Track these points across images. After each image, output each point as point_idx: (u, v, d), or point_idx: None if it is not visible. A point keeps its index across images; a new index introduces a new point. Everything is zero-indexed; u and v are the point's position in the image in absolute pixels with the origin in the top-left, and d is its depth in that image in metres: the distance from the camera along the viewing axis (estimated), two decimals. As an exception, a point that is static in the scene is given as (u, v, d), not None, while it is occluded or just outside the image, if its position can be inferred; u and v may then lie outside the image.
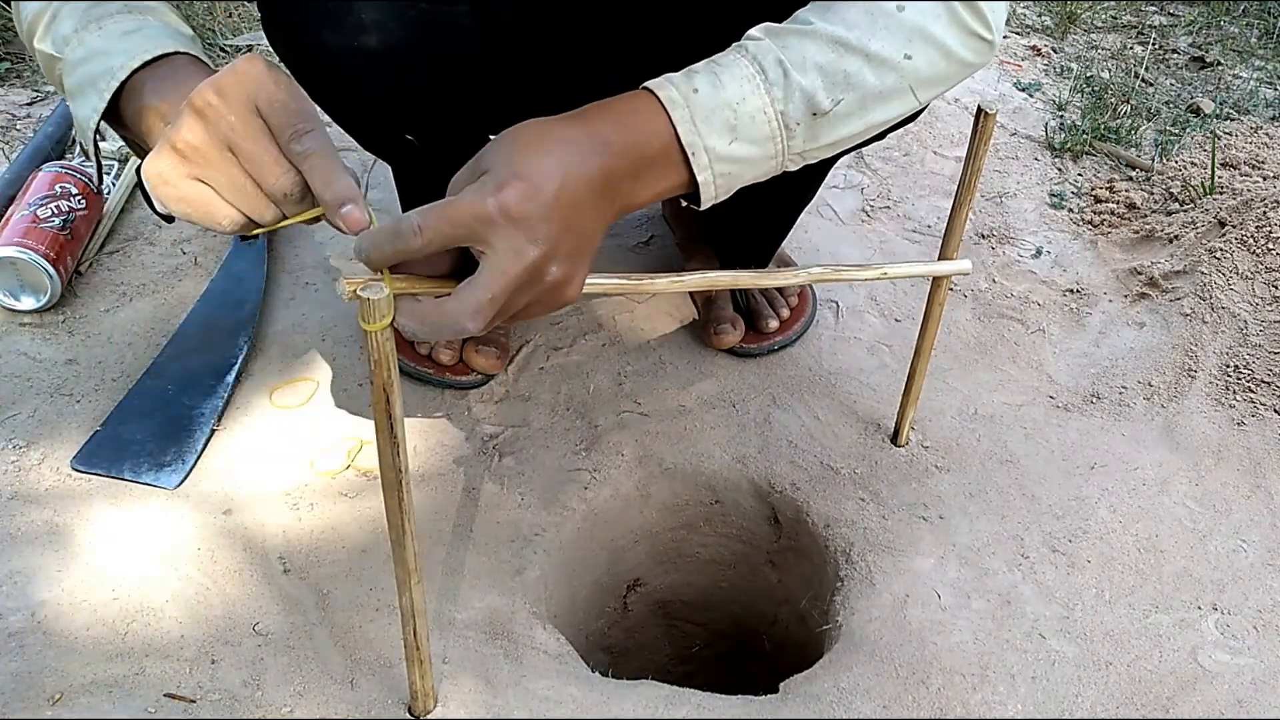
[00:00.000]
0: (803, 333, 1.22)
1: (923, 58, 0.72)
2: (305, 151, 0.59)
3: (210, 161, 0.59)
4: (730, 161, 0.69)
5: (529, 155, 0.61)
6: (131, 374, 1.09)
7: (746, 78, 0.68)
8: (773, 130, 0.69)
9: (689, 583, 1.18)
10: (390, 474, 0.66)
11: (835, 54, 0.69)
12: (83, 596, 0.88)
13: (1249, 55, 1.98)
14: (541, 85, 0.98)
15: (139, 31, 0.68)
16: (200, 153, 0.59)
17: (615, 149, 0.65)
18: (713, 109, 0.67)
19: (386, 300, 0.58)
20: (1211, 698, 0.89)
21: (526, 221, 0.60)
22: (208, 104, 0.58)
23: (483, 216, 0.59)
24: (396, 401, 0.63)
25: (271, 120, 0.59)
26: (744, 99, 0.67)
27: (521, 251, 0.60)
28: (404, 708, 0.83)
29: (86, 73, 0.67)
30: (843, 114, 0.71)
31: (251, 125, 0.59)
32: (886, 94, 0.72)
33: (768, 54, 0.69)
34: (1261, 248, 1.28)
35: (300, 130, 0.59)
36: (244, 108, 0.58)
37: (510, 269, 0.60)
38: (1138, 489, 1.07)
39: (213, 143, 0.59)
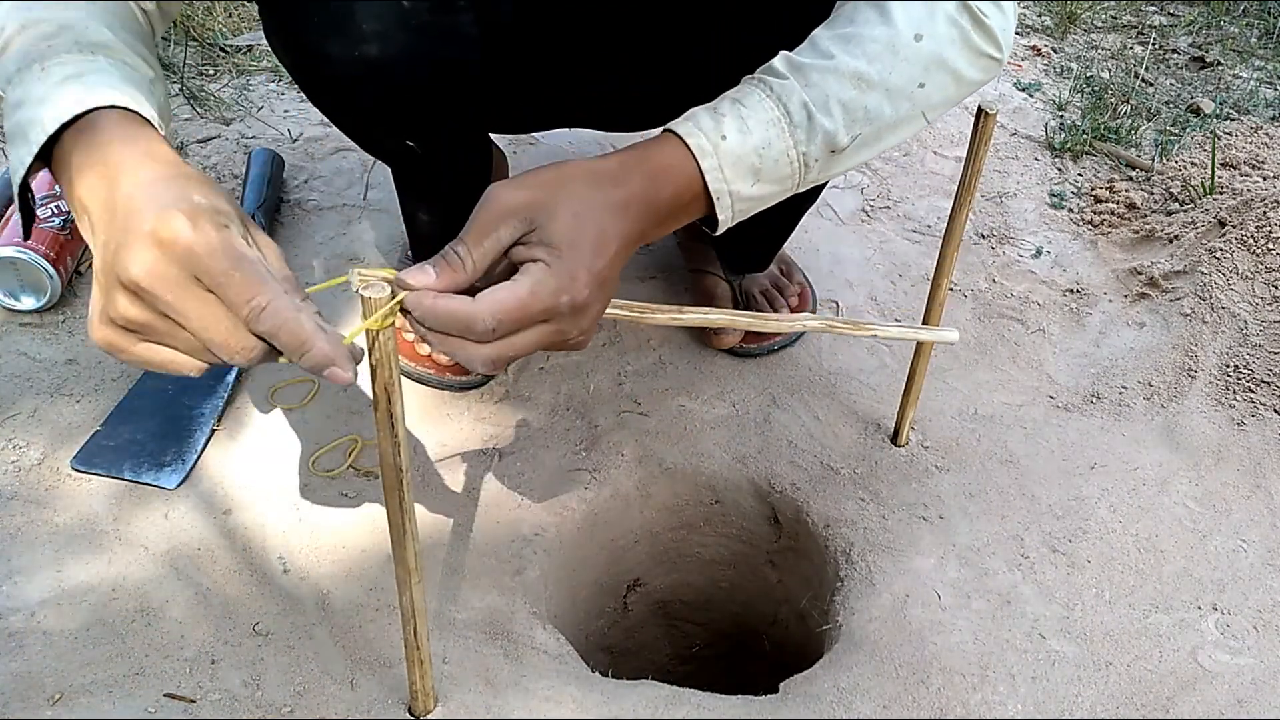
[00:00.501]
0: (803, 332, 1.22)
1: (935, 84, 0.73)
2: (268, 331, 0.54)
3: (161, 332, 0.55)
4: (750, 200, 0.71)
5: (587, 230, 0.62)
6: (131, 374, 1.09)
7: (772, 122, 0.69)
8: (793, 170, 0.71)
9: (689, 583, 1.18)
10: (391, 474, 0.66)
11: (857, 90, 0.70)
12: (83, 596, 0.88)
13: (1249, 55, 1.98)
14: (542, 88, 0.98)
15: (79, 78, 0.61)
16: (148, 327, 0.55)
17: (652, 209, 0.67)
18: (740, 155, 0.68)
19: (388, 299, 0.58)
20: (1211, 698, 0.89)
21: (583, 308, 0.63)
22: (139, 288, 0.53)
23: (557, 311, 0.62)
24: (398, 401, 0.63)
25: (222, 297, 0.53)
26: (769, 144, 0.69)
27: (565, 331, 0.63)
28: (404, 708, 0.83)
29: (19, 120, 0.61)
30: (859, 146, 0.73)
31: (196, 302, 0.53)
32: (900, 122, 0.73)
33: (792, 95, 0.69)
34: (1261, 248, 1.28)
35: (256, 308, 0.54)
36: (183, 287, 0.53)
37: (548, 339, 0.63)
38: (1138, 489, 1.07)
39: (158, 318, 0.54)
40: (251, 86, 1.59)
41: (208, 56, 1.64)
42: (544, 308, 0.61)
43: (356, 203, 1.37)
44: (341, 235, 1.31)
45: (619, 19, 0.90)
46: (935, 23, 0.71)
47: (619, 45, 0.92)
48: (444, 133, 0.93)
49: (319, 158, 1.45)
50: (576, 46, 0.92)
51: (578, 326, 0.64)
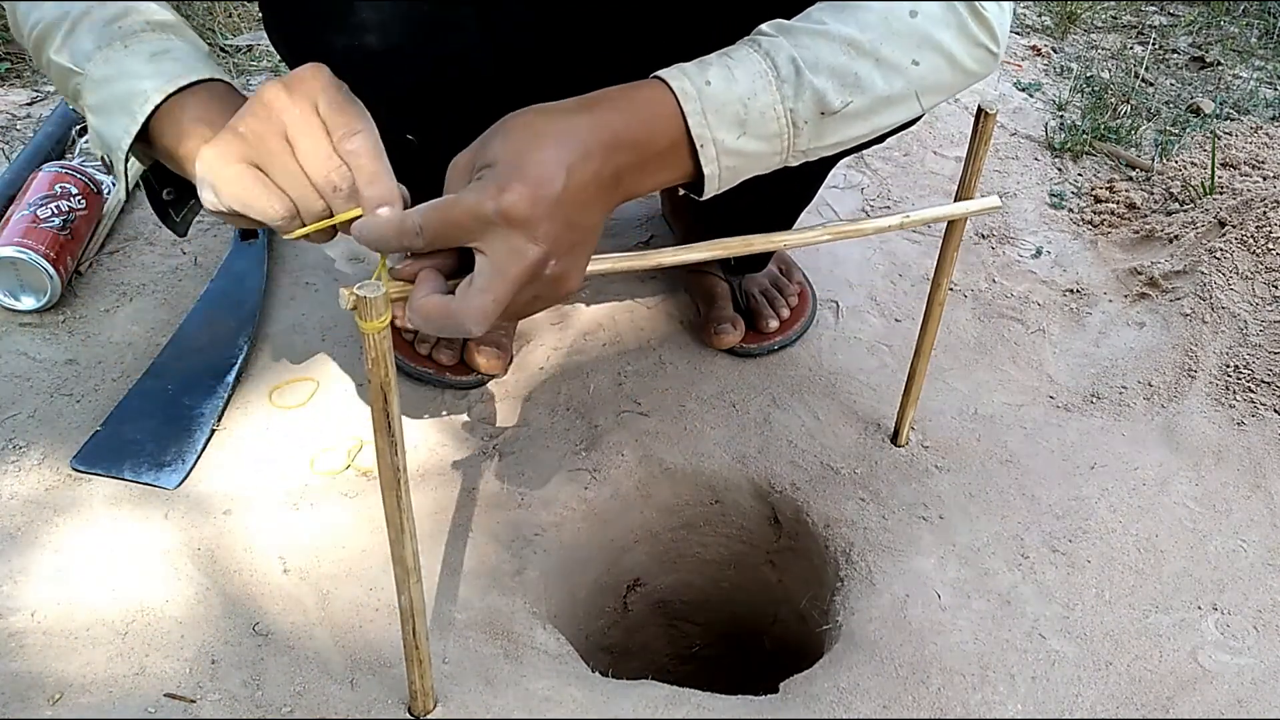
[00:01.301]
0: (803, 333, 1.22)
1: (929, 65, 0.72)
2: (353, 150, 0.62)
3: (269, 149, 0.61)
4: (736, 155, 0.69)
5: (532, 151, 0.61)
6: (131, 374, 1.09)
7: (759, 74, 0.68)
8: (781, 127, 0.69)
9: (689, 583, 1.18)
10: (389, 473, 0.66)
11: (847, 56, 0.69)
12: (83, 596, 0.88)
13: (1249, 55, 1.98)
14: (545, 85, 0.98)
15: (167, 54, 0.68)
16: (261, 139, 0.61)
17: (624, 141, 0.64)
18: (724, 102, 0.67)
19: (383, 299, 0.58)
20: (1211, 698, 0.89)
21: (527, 223, 0.60)
22: (275, 98, 0.61)
23: (483, 218, 0.59)
24: (394, 401, 0.63)
25: (329, 120, 0.61)
26: (755, 94, 0.67)
27: (521, 252, 0.60)
28: (404, 708, 0.83)
29: (114, 92, 0.68)
30: (850, 115, 0.71)
31: (311, 122, 0.61)
32: (893, 99, 0.72)
33: (781, 51, 0.68)
34: (1261, 248, 1.28)
35: (351, 130, 0.62)
36: (306, 105, 0.61)
37: (510, 270, 0.60)
38: (1138, 489, 1.07)
39: (273, 132, 0.61)
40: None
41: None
42: (469, 209, 0.59)
43: (356, 203, 1.37)
44: (341, 235, 1.31)
45: (623, 19, 0.90)
46: (930, 2, 0.71)
47: (622, 43, 0.92)
48: (444, 128, 0.92)
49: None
50: (579, 43, 0.92)
51: (534, 240, 0.60)
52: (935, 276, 0.97)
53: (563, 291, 0.65)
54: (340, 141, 0.62)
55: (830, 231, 0.77)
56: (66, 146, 1.39)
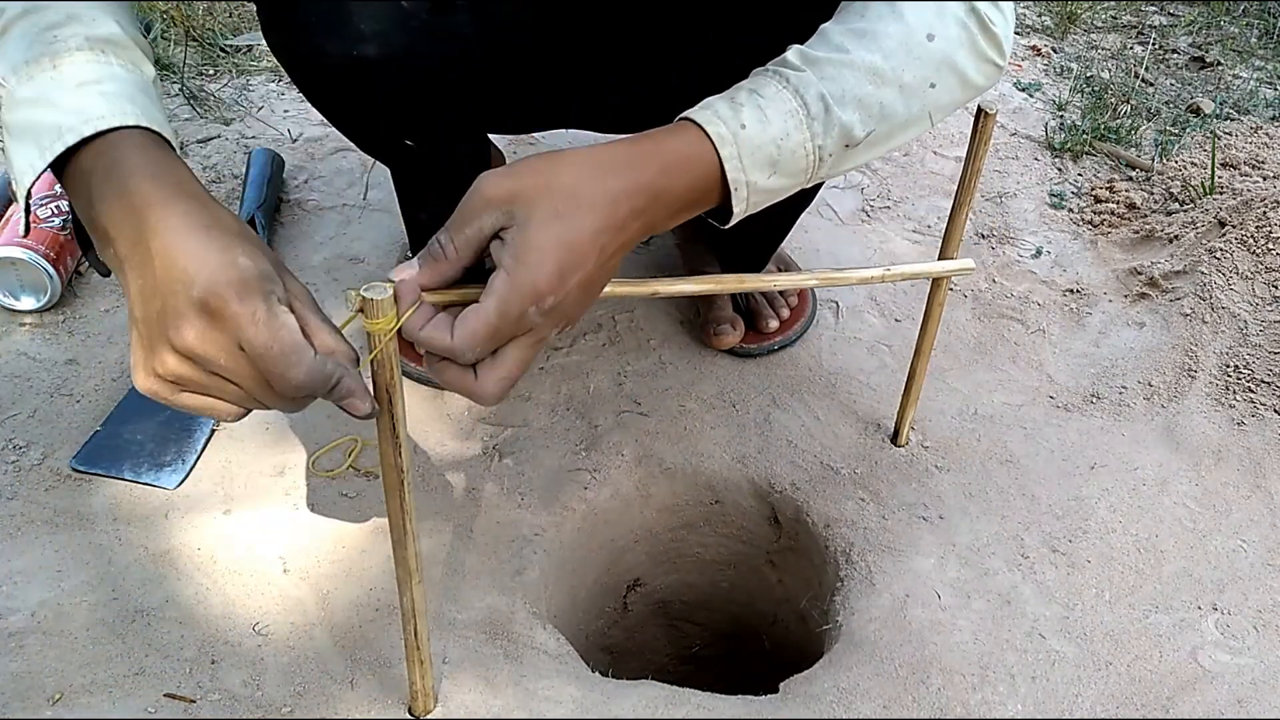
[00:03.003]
0: (803, 333, 1.22)
1: (944, 86, 0.73)
2: (303, 390, 0.58)
3: (208, 386, 0.58)
4: (766, 192, 0.70)
5: (569, 227, 0.60)
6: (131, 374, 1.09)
7: (790, 113, 0.68)
8: (808, 164, 0.70)
9: (689, 583, 1.18)
10: (392, 475, 0.66)
11: (873, 85, 0.70)
12: (83, 596, 0.88)
13: (1249, 55, 1.98)
14: (540, 89, 0.98)
15: (97, 85, 0.61)
16: (196, 383, 0.58)
17: (660, 199, 0.64)
18: (759, 145, 0.67)
19: (390, 300, 0.58)
20: (1211, 698, 0.89)
21: (557, 308, 0.61)
22: (192, 353, 0.56)
23: (528, 322, 0.60)
24: (399, 403, 0.63)
25: (261, 366, 0.56)
26: (788, 135, 0.68)
27: (545, 338, 0.63)
28: (404, 708, 0.83)
29: (30, 119, 0.61)
30: (871, 143, 0.72)
31: (245, 365, 0.56)
32: (910, 122, 0.73)
33: (809, 88, 0.68)
34: (1261, 248, 1.28)
35: (293, 381, 0.57)
36: (231, 353, 0.56)
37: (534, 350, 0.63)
38: (1138, 489, 1.07)
39: (206, 376, 0.57)
40: (251, 86, 1.59)
41: (208, 56, 1.64)
42: (514, 322, 0.60)
43: (356, 203, 1.37)
44: (341, 235, 1.31)
45: (618, 18, 0.90)
46: (945, 24, 0.71)
47: (618, 45, 0.92)
48: (442, 132, 0.92)
49: (319, 158, 1.45)
50: (575, 46, 0.92)
51: (555, 325, 0.62)
52: (930, 293, 0.97)
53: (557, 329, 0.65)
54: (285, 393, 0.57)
55: (818, 277, 0.81)
56: (66, 146, 1.39)
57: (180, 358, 0.56)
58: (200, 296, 0.55)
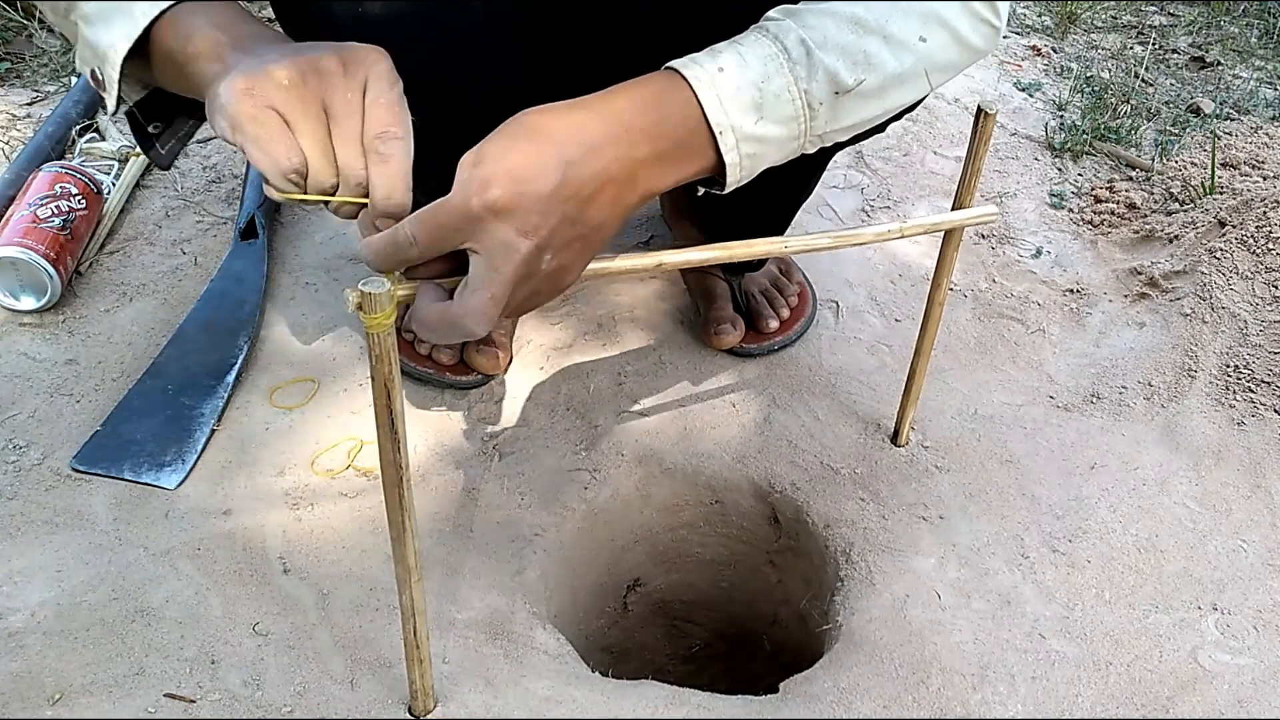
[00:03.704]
0: (803, 333, 1.22)
1: (936, 41, 0.72)
2: (386, 153, 0.60)
3: (304, 110, 0.59)
4: (756, 141, 0.68)
5: (524, 147, 0.60)
6: (131, 374, 1.09)
7: (770, 56, 0.67)
8: (797, 110, 0.69)
9: (689, 583, 1.18)
10: (391, 471, 0.66)
11: (855, 34, 0.69)
12: (83, 596, 0.88)
13: (1249, 55, 1.98)
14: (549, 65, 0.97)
15: None
16: (299, 95, 0.59)
17: (639, 134, 0.63)
18: (739, 87, 0.66)
19: (388, 295, 0.58)
20: (1211, 698, 0.89)
21: (514, 214, 0.59)
22: (326, 66, 0.59)
23: (469, 216, 0.58)
24: (398, 397, 0.63)
25: (372, 112, 0.60)
26: (768, 78, 0.67)
27: (513, 246, 0.59)
28: (404, 708, 0.83)
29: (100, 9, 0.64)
30: (864, 94, 0.71)
31: (355, 104, 0.59)
32: (904, 76, 0.72)
33: (789, 33, 0.68)
34: (1261, 248, 1.28)
35: (391, 134, 0.60)
36: (356, 86, 0.59)
37: (503, 266, 0.59)
38: (1138, 489, 1.07)
39: (312, 95, 0.59)
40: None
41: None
42: (455, 208, 0.58)
43: (356, 203, 1.37)
44: (342, 235, 1.31)
45: (625, 14, 0.89)
46: None
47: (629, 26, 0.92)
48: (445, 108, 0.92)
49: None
50: (585, 25, 0.92)
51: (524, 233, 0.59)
52: (935, 277, 0.97)
53: (562, 286, 0.64)
54: (375, 139, 0.60)
55: (830, 237, 0.78)
56: (66, 146, 1.39)
57: (300, 74, 0.59)
58: (313, 57, 0.60)
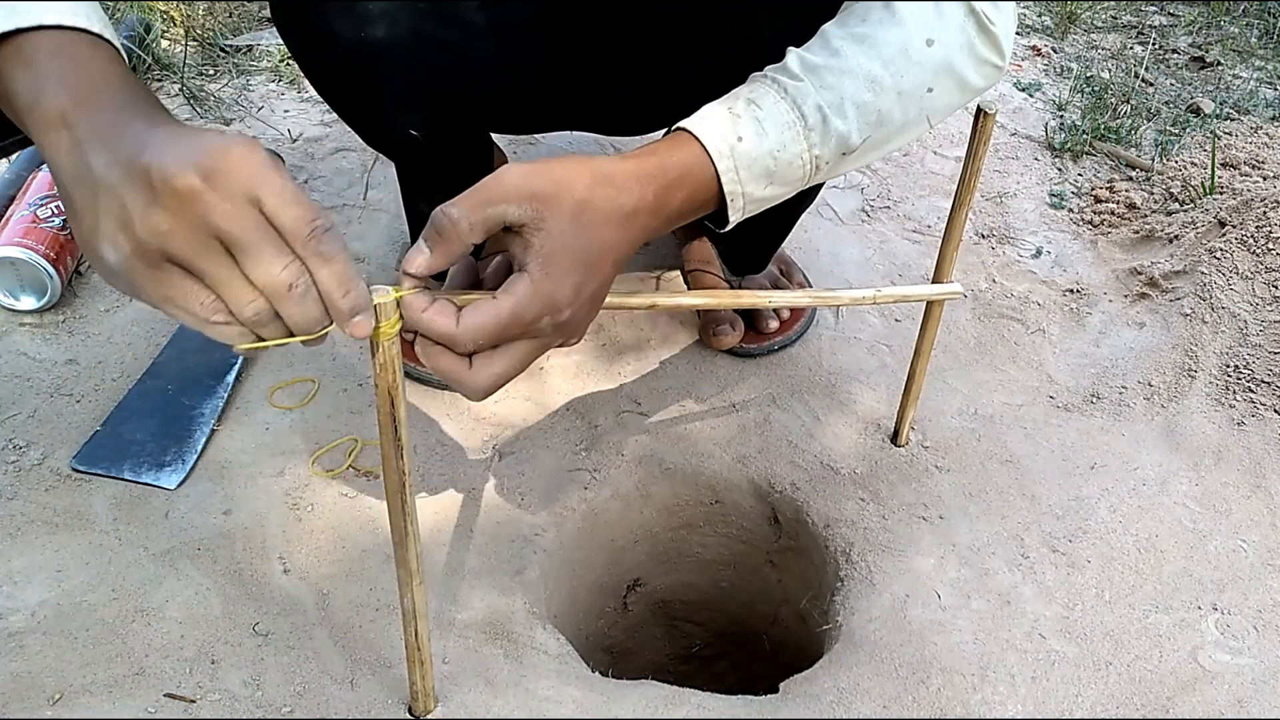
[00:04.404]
0: (803, 333, 1.22)
1: (942, 90, 0.73)
2: (326, 252, 0.51)
3: (196, 248, 0.48)
4: (762, 201, 0.71)
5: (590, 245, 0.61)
6: (131, 374, 1.09)
7: (787, 125, 0.69)
8: (806, 173, 0.71)
9: (689, 583, 1.18)
10: (394, 477, 0.66)
11: (871, 93, 0.70)
12: (83, 596, 0.88)
13: (1249, 55, 1.98)
14: (546, 91, 0.98)
15: None
16: (185, 236, 0.48)
17: (660, 217, 0.67)
18: (755, 158, 0.68)
19: (392, 304, 0.58)
20: (1211, 698, 0.89)
21: (568, 323, 0.62)
22: (191, 190, 0.47)
23: (538, 329, 0.61)
24: (401, 406, 0.63)
25: (283, 216, 0.49)
26: (784, 146, 0.69)
27: (547, 343, 0.63)
28: (404, 708, 0.83)
29: None
30: (868, 148, 0.73)
31: (255, 223, 0.49)
32: (908, 126, 0.74)
33: (807, 99, 0.69)
34: (1261, 248, 1.28)
35: (318, 227, 0.50)
36: (239, 199, 0.48)
37: (533, 355, 0.63)
38: (1138, 489, 1.07)
39: (199, 229, 0.48)
40: (251, 86, 1.59)
41: (208, 56, 1.64)
42: (523, 327, 0.60)
43: (356, 203, 1.37)
44: (341, 235, 1.31)
45: (627, 22, 0.89)
46: (945, 27, 0.71)
47: (624, 49, 0.92)
48: (447, 123, 0.92)
49: (319, 158, 1.45)
50: (582, 49, 0.92)
51: (561, 337, 0.63)
52: (935, 276, 0.97)
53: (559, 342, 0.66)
54: (308, 242, 0.50)
55: (810, 296, 0.84)
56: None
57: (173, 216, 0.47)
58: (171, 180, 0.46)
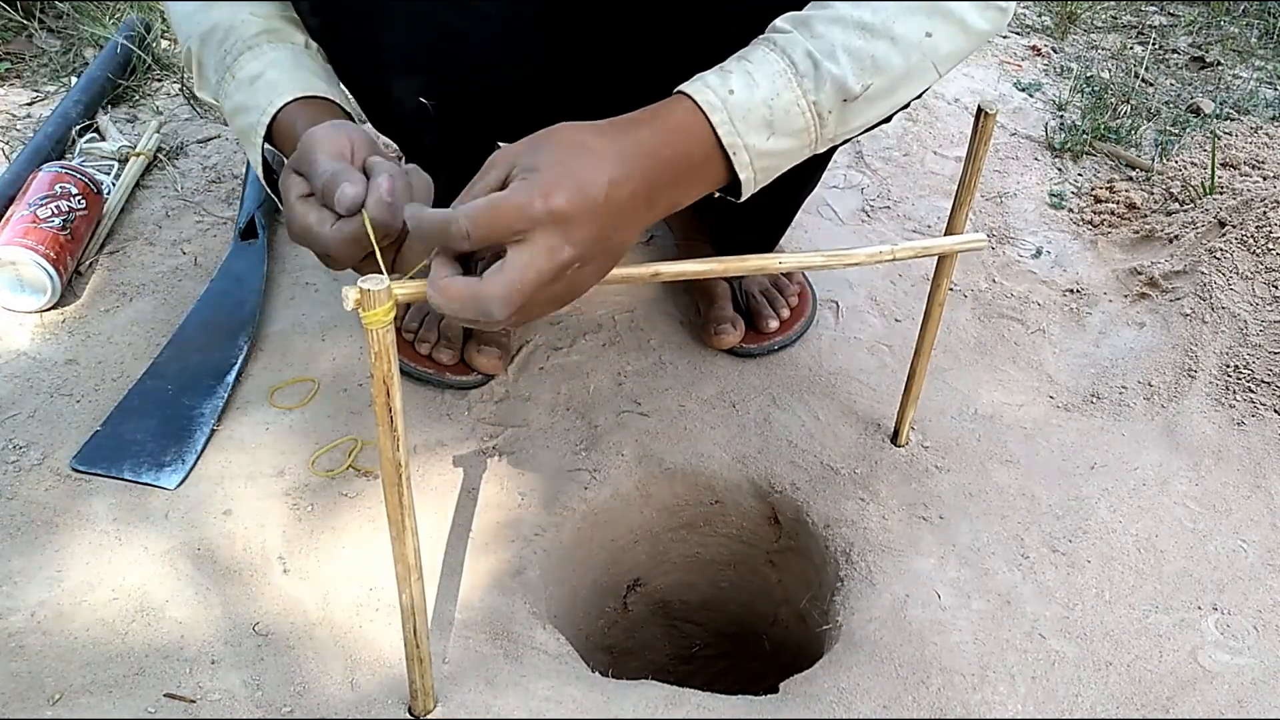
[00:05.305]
0: (803, 333, 1.22)
1: (943, 34, 0.73)
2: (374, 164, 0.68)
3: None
4: (769, 156, 0.70)
5: (579, 160, 0.62)
6: (131, 374, 1.09)
7: (778, 73, 0.69)
8: (807, 121, 0.70)
9: (689, 583, 1.18)
10: (390, 468, 0.66)
11: (862, 39, 0.70)
12: (83, 596, 0.88)
13: (1249, 55, 1.98)
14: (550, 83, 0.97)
15: (261, 78, 0.77)
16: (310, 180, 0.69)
17: (660, 160, 0.66)
18: (750, 108, 0.68)
19: (386, 292, 0.59)
20: (1211, 698, 0.89)
21: (569, 224, 0.61)
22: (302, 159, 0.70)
23: (530, 217, 0.60)
24: (396, 395, 0.63)
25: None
26: (778, 94, 0.69)
27: (556, 250, 0.61)
28: (404, 708, 0.83)
29: (239, 126, 0.79)
30: (872, 96, 0.72)
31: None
32: (911, 74, 0.73)
33: (796, 46, 0.69)
34: (1261, 248, 1.28)
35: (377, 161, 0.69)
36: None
37: (542, 263, 0.61)
38: (1138, 489, 1.07)
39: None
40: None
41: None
42: (519, 212, 0.59)
43: (356, 203, 1.37)
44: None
45: (628, 21, 0.89)
46: None
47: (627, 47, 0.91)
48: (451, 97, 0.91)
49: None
50: (585, 47, 0.92)
51: (571, 245, 0.61)
52: (935, 277, 0.97)
53: (574, 295, 0.65)
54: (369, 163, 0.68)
55: (823, 255, 0.79)
56: (66, 146, 1.39)
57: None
58: None
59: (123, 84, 1.53)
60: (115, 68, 1.52)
